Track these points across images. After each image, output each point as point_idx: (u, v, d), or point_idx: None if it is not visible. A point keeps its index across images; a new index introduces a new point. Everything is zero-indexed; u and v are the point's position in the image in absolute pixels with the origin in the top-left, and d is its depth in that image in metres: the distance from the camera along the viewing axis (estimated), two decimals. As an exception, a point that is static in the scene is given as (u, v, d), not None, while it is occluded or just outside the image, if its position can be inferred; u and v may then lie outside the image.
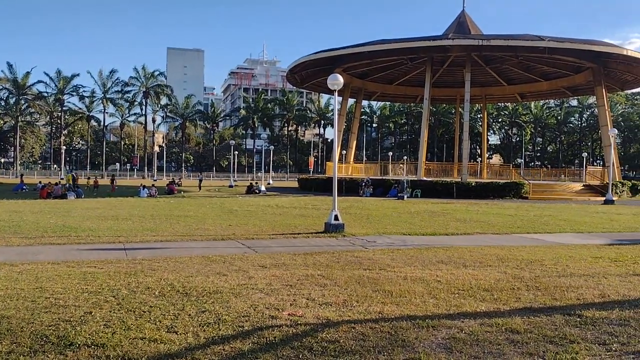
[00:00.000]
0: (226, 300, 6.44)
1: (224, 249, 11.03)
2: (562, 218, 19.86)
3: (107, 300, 6.38)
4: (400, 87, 54.16)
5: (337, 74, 15.73)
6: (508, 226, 16.75)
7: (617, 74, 43.81)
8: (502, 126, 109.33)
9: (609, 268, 9.14)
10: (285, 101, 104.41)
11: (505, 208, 25.03)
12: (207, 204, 24.67)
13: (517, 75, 50.00)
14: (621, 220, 19.35)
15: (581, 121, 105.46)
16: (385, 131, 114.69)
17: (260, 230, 14.52)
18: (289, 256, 10.05)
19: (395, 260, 9.80)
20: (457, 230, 15.24)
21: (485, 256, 10.36)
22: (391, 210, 22.34)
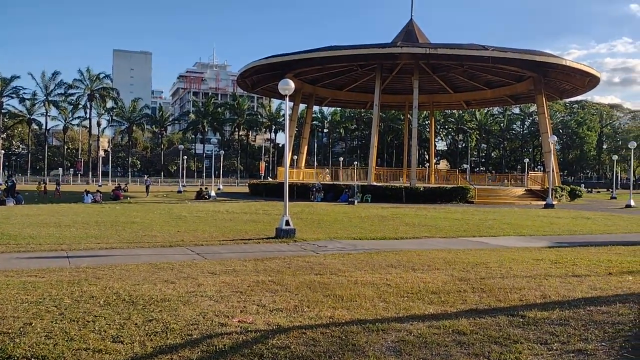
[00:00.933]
0: (174, 309, 6.30)
1: (172, 255, 10.80)
2: (505, 222, 20.51)
3: (49, 311, 6.12)
4: (350, 93, 54.75)
5: (288, 79, 15.73)
6: (455, 230, 17.15)
7: (556, 83, 45.79)
8: (449, 132, 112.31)
9: (550, 270, 9.50)
10: (236, 106, 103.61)
11: (452, 212, 25.64)
12: (155, 210, 24.11)
13: (463, 83, 51.47)
14: (560, 224, 20.18)
15: (523, 128, 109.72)
16: (336, 137, 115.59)
17: (210, 236, 14.31)
18: (240, 262, 9.94)
19: (346, 264, 9.85)
20: (406, 235, 15.49)
21: (433, 259, 10.56)
22: (342, 215, 22.46)
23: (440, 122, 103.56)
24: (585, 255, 11.43)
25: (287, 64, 41.40)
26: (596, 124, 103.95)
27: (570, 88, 47.10)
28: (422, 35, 46.13)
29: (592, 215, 25.13)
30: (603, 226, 19.75)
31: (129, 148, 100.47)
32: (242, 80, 48.82)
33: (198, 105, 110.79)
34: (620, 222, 21.80)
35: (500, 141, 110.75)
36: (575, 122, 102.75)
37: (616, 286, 8.00)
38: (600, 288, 7.84)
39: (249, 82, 48.96)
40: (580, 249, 12.58)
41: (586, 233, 17.23)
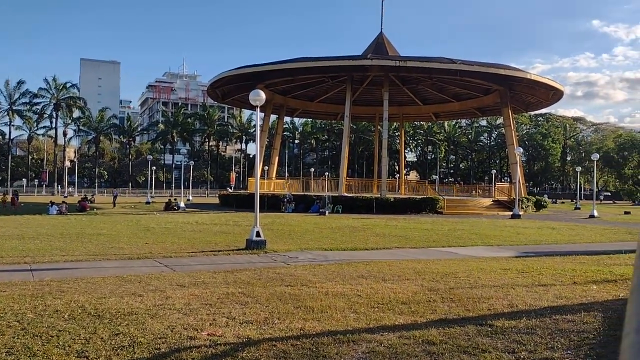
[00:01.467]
0: (142, 322, 6.17)
1: (139, 268, 10.61)
2: (473, 232, 20.82)
3: (11, 326, 5.92)
4: (321, 104, 54.97)
5: (259, 90, 15.73)
6: (424, 240, 17.32)
7: (522, 96, 46.85)
8: (419, 144, 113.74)
9: (517, 279, 9.67)
10: (206, 116, 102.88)
11: (422, 223, 25.90)
12: (122, 222, 23.69)
13: (431, 95, 52.24)
14: (527, 234, 20.59)
15: (490, 140, 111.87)
16: (307, 147, 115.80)
17: (178, 248, 14.12)
18: (209, 274, 9.82)
19: (317, 275, 9.84)
20: (377, 245, 15.57)
21: (403, 270, 10.64)
22: (313, 226, 22.46)
23: (410, 133, 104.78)
24: (550, 264, 11.67)
25: (258, 75, 41.37)
26: (560, 136, 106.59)
27: (535, 101, 48.26)
28: (391, 47, 46.74)
29: (557, 226, 25.71)
30: (568, 236, 20.21)
31: (96, 158, 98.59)
32: (212, 91, 48.54)
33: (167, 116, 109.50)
34: (584, 232, 22.35)
35: (468, 153, 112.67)
36: (540, 134, 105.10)
37: (581, 295, 8.19)
38: (566, 297, 8.01)
39: (220, 92, 48.72)
40: (546, 259, 12.84)
41: (551, 243, 17.61)
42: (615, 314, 6.88)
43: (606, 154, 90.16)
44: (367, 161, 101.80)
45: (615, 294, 8.25)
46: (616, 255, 13.61)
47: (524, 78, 40.13)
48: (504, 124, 47.87)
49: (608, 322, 6.47)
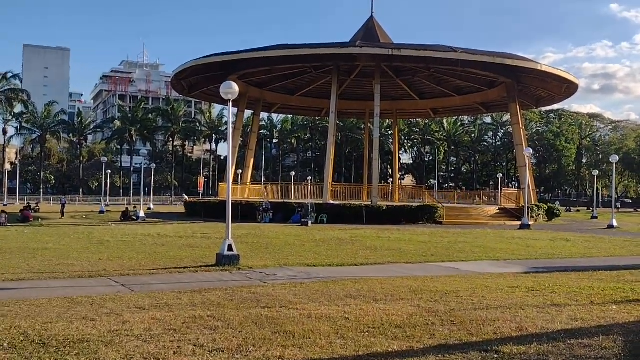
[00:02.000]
0: (94, 351, 6.10)
1: (92, 288, 10.50)
2: (477, 245, 20.96)
3: (-62, 357, 5.81)
4: (304, 99, 55.07)
5: (232, 82, 15.70)
6: (422, 254, 17.40)
7: (531, 90, 47.41)
8: (415, 144, 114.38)
9: (527, 298, 9.74)
10: (170, 111, 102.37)
11: (419, 234, 26.00)
12: (72, 234, 23.44)
13: (429, 88, 52.64)
14: (538, 247, 20.78)
15: (496, 140, 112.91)
16: (287, 148, 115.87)
17: (138, 264, 14.01)
18: (173, 295, 9.75)
19: (298, 295, 9.82)
20: (367, 260, 15.60)
21: (397, 288, 10.66)
22: (294, 238, 22.44)
23: (404, 132, 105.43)
24: (564, 281, 11.78)
25: (231, 64, 41.31)
26: (575, 135, 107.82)
27: (546, 95, 48.87)
28: (384, 34, 47.00)
29: (572, 237, 25.97)
30: (584, 249, 20.44)
31: (41, 160, 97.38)
32: (177, 82, 48.35)
33: (125, 111, 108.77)
34: (602, 244, 22.62)
35: (470, 154, 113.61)
36: (552, 133, 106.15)
37: (599, 316, 8.27)
38: (582, 319, 8.08)
39: (186, 84, 48.55)
40: (560, 275, 12.96)
41: (565, 257, 17.79)
42: (638, 337, 6.96)
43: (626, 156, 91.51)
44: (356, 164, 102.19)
45: (637, 315, 8.35)
46: (639, 270, 13.79)
47: (533, 69, 40.60)
48: (512, 122, 48.36)
49: (630, 347, 6.54)
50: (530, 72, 41.26)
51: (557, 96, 48.49)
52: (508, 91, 44.13)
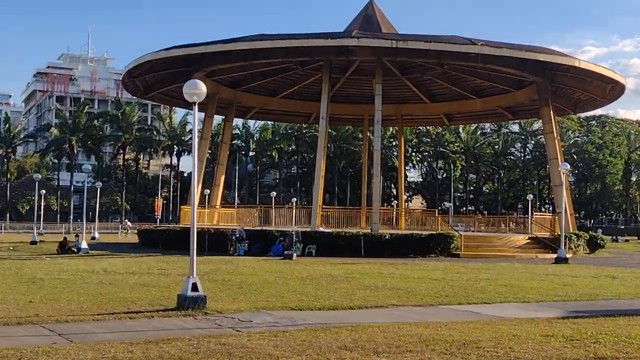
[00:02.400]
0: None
1: (21, 338, 10.38)
2: (503, 283, 20.95)
3: None
4: (287, 101, 55.20)
5: (198, 80, 15.75)
6: (434, 295, 17.36)
7: (567, 92, 47.81)
8: (425, 158, 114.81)
9: (564, 350, 9.73)
10: (121, 117, 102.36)
11: (431, 270, 25.94)
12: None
13: (442, 89, 52.95)
14: (577, 285, 20.80)
15: (524, 153, 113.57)
16: (267, 162, 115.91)
17: (79, 308, 13.89)
18: (123, 347, 9.66)
19: (280, 347, 9.76)
20: (366, 302, 15.54)
21: (403, 337, 10.62)
22: (275, 275, 22.35)
23: (412, 143, 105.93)
24: (611, 328, 11.79)
25: (197, 59, 41.39)
26: (622, 147, 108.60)
27: (586, 98, 49.28)
28: (386, 23, 47.33)
29: (620, 274, 26.04)
30: (635, 288, 20.48)
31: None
32: (130, 81, 48.32)
33: (64, 116, 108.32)
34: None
35: (494, 170, 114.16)
36: (594, 144, 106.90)
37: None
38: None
39: (141, 83, 48.51)
40: (605, 321, 12.97)
41: (612, 298, 17.81)
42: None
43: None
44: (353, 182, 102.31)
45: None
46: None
47: (570, 66, 40.97)
48: (544, 130, 48.69)
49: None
50: (567, 69, 41.62)
51: (599, 99, 48.90)
52: (539, 93, 44.46)
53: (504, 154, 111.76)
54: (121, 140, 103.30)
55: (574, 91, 47.49)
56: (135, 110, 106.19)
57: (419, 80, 51.31)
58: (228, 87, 49.85)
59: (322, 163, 42.34)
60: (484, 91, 51.75)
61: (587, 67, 41.76)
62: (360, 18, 47.31)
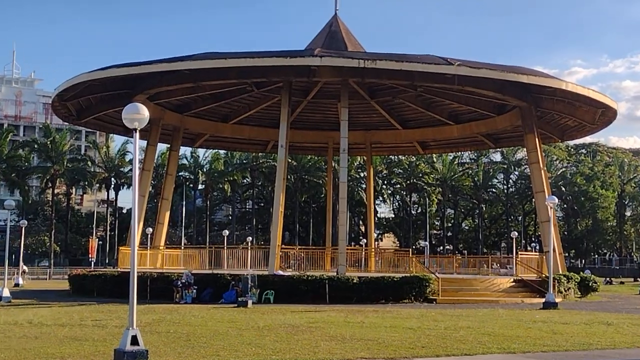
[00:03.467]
0: None
1: None
2: (485, 331, 21.03)
3: None
4: (242, 127, 55.24)
5: (139, 104, 15.66)
6: (408, 346, 17.35)
7: (554, 118, 48.55)
8: (397, 191, 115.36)
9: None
10: (50, 146, 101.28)
11: (404, 317, 25.94)
12: None
13: (416, 114, 53.44)
14: (568, 333, 20.96)
15: (507, 185, 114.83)
16: (219, 197, 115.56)
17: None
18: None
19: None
20: (332, 356, 15.49)
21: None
22: (227, 326, 22.17)
23: (382, 174, 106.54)
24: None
25: (139, 80, 41.27)
26: (615, 179, 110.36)
27: (574, 125, 50.06)
28: (352, 40, 47.76)
29: (615, 320, 26.30)
30: (632, 336, 20.70)
31: None
32: (61, 105, 47.84)
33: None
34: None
35: (474, 204, 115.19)
36: (584, 175, 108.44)
37: None
38: None
39: (74, 107, 48.09)
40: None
41: (606, 347, 17.97)
42: None
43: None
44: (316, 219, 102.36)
45: None
46: None
47: (557, 89, 41.58)
48: (529, 160, 49.27)
49: None
50: (553, 92, 42.24)
51: (589, 125, 49.70)
52: (523, 118, 45.08)
53: (484, 186, 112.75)
54: (50, 172, 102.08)
55: (561, 117, 48.19)
56: (67, 137, 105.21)
57: (389, 104, 51.72)
58: (174, 111, 49.70)
59: (281, 197, 42.25)
60: (462, 116, 52.32)
61: (575, 90, 42.34)
62: (323, 34, 47.63)
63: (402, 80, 42.57)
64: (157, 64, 40.44)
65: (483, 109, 49.06)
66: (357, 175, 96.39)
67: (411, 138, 58.03)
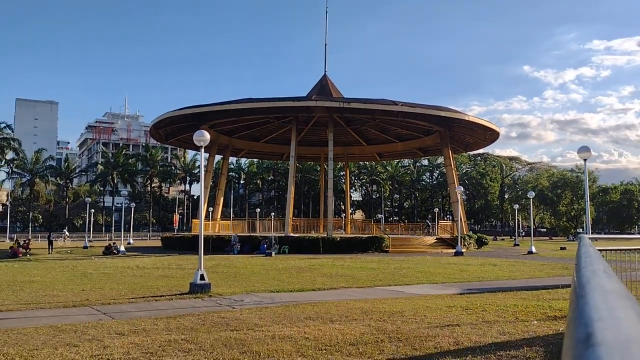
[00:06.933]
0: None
1: (75, 316, 10.08)
2: (419, 270, 21.10)
3: None
4: (267, 145, 55.14)
5: (204, 131, 15.67)
6: (371, 279, 17.38)
7: (461, 137, 48.66)
8: (364, 183, 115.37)
9: (462, 316, 9.81)
10: (149, 157, 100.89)
11: (368, 262, 26.02)
12: (58, 268, 22.58)
13: (375, 136, 53.46)
14: (470, 271, 21.04)
15: (432, 179, 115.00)
16: (253, 188, 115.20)
17: (118, 294, 13.57)
18: (150, 321, 9.45)
19: (263, 318, 9.65)
20: (324, 285, 15.49)
21: (350, 310, 10.60)
22: (259, 268, 22.16)
23: (354, 173, 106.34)
24: (493, 301, 11.93)
25: (203, 115, 41.19)
26: (498, 175, 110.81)
27: (473, 141, 50.19)
28: (335, 89, 47.76)
29: (499, 262, 26.43)
30: (508, 272, 20.80)
31: (30, 201, 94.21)
32: (155, 131, 47.80)
33: (107, 156, 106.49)
34: (523, 268, 23.08)
35: (411, 192, 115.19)
36: (479, 173, 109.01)
37: (523, 330, 8.38)
38: (509, 333, 8.18)
39: (163, 132, 48.04)
40: (489, 295, 13.14)
41: (493, 279, 18.05)
42: (555, 348, 7.07)
43: (541, 192, 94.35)
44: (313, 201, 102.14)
45: (555, 329, 8.50)
46: (555, 290, 14.08)
47: (462, 119, 41.77)
48: (445, 164, 49.39)
49: (549, 357, 6.63)
50: (460, 122, 42.38)
51: (482, 142, 49.87)
52: (441, 138, 45.18)
53: (418, 180, 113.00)
54: (149, 173, 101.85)
55: (465, 136, 48.28)
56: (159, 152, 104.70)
57: (359, 130, 51.69)
58: (225, 134, 49.59)
59: (291, 188, 42.33)
60: (404, 137, 52.35)
61: (474, 120, 42.62)
62: (317, 86, 47.68)
63: (366, 115, 42.57)
64: (213, 106, 40.44)
65: (417, 132, 49.11)
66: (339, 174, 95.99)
67: (372, 151, 58.01)
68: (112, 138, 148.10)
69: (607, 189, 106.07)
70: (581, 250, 2.48)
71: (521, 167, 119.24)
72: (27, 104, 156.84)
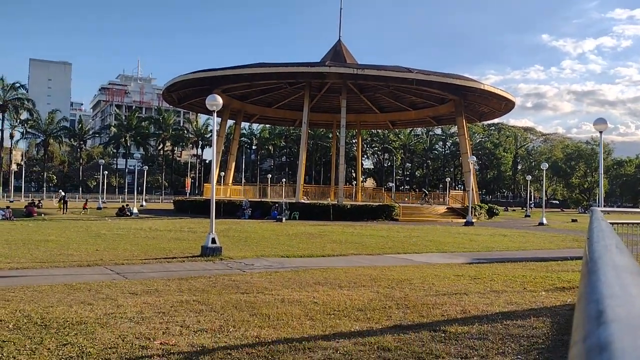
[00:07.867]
0: (91, 331, 5.99)
1: (89, 275, 10.29)
2: (428, 239, 21.16)
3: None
4: (279, 111, 54.90)
5: (216, 95, 15.57)
6: (380, 247, 17.48)
7: (475, 106, 48.06)
8: (375, 151, 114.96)
9: (470, 285, 9.87)
10: (161, 120, 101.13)
11: (378, 230, 26.12)
12: (72, 227, 22.94)
13: (388, 103, 52.96)
14: (479, 241, 21.08)
15: (445, 149, 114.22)
16: (265, 153, 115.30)
17: (131, 255, 13.79)
18: (163, 282, 9.63)
19: (273, 283, 9.78)
20: (334, 252, 15.60)
21: (359, 276, 10.70)
22: (270, 233, 22.34)
23: (367, 140, 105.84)
24: (502, 271, 11.98)
25: (215, 80, 40.97)
26: (511, 145, 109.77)
27: (488, 111, 49.60)
28: (349, 55, 47.15)
29: (509, 233, 26.42)
30: (518, 243, 20.81)
31: (44, 162, 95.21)
32: (168, 95, 47.71)
33: (121, 119, 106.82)
34: (533, 239, 23.06)
35: (423, 160, 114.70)
36: (493, 143, 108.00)
37: (530, 301, 8.43)
38: (516, 303, 8.23)
39: (176, 96, 47.94)
40: (498, 265, 13.18)
41: (503, 250, 18.08)
42: (563, 319, 7.12)
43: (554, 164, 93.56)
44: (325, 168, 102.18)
45: (563, 300, 8.54)
46: (564, 261, 14.09)
47: (477, 88, 41.19)
48: (458, 133, 48.96)
49: (556, 327, 6.69)
50: (475, 90, 41.81)
51: (497, 112, 49.24)
52: (456, 107, 44.68)
53: (430, 149, 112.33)
54: (161, 136, 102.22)
55: (480, 106, 47.67)
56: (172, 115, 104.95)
57: (372, 97, 51.23)
58: (238, 99, 49.38)
59: (303, 154, 42.25)
60: (417, 105, 51.82)
61: (489, 89, 41.97)
62: (331, 52, 47.06)
63: (380, 82, 42.07)
64: (226, 70, 40.15)
65: (431, 100, 48.60)
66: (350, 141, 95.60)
67: (385, 119, 57.54)
68: (125, 100, 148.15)
69: (621, 161, 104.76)
70: (593, 223, 2.47)
71: (536, 138, 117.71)
72: (41, 65, 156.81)
